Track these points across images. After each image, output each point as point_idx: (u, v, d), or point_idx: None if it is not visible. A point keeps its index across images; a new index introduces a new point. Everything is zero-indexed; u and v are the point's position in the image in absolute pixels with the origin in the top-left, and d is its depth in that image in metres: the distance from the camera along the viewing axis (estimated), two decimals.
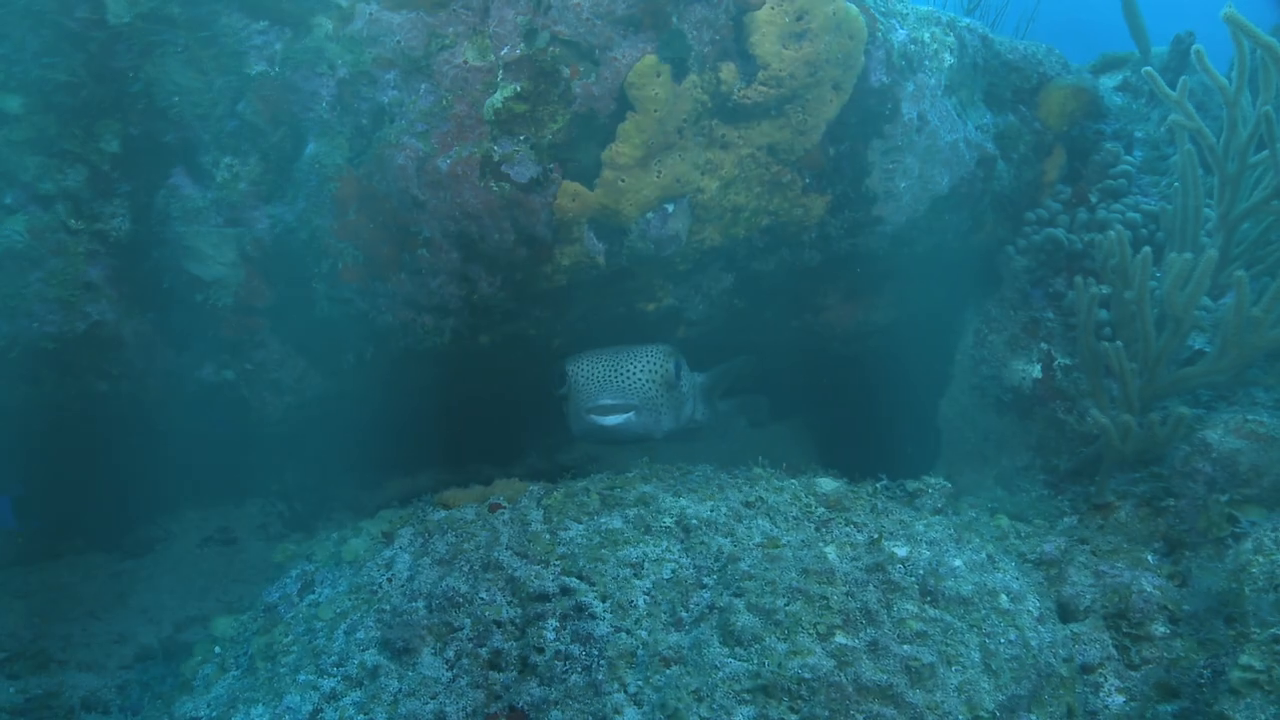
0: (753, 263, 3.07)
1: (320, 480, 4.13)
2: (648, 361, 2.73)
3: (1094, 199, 3.61)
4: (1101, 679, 2.20)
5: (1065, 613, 2.45)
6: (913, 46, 2.84)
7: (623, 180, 2.43)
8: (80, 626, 3.14)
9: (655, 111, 2.36)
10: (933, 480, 2.71)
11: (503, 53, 2.37)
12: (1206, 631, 2.18)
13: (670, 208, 2.56)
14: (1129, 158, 3.62)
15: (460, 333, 2.83)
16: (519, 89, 2.35)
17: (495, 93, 2.36)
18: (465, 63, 2.40)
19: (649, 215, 2.53)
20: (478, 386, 3.73)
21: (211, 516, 3.93)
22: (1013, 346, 3.51)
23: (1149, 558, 2.61)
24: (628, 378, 2.68)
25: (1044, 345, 3.50)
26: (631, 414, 2.65)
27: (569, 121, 2.38)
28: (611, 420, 2.64)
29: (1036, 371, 3.46)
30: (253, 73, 2.45)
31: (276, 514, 4.09)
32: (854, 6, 2.49)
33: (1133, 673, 2.23)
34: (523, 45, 2.36)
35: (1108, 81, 4.29)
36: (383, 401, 3.61)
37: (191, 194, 2.55)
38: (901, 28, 2.84)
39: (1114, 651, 2.27)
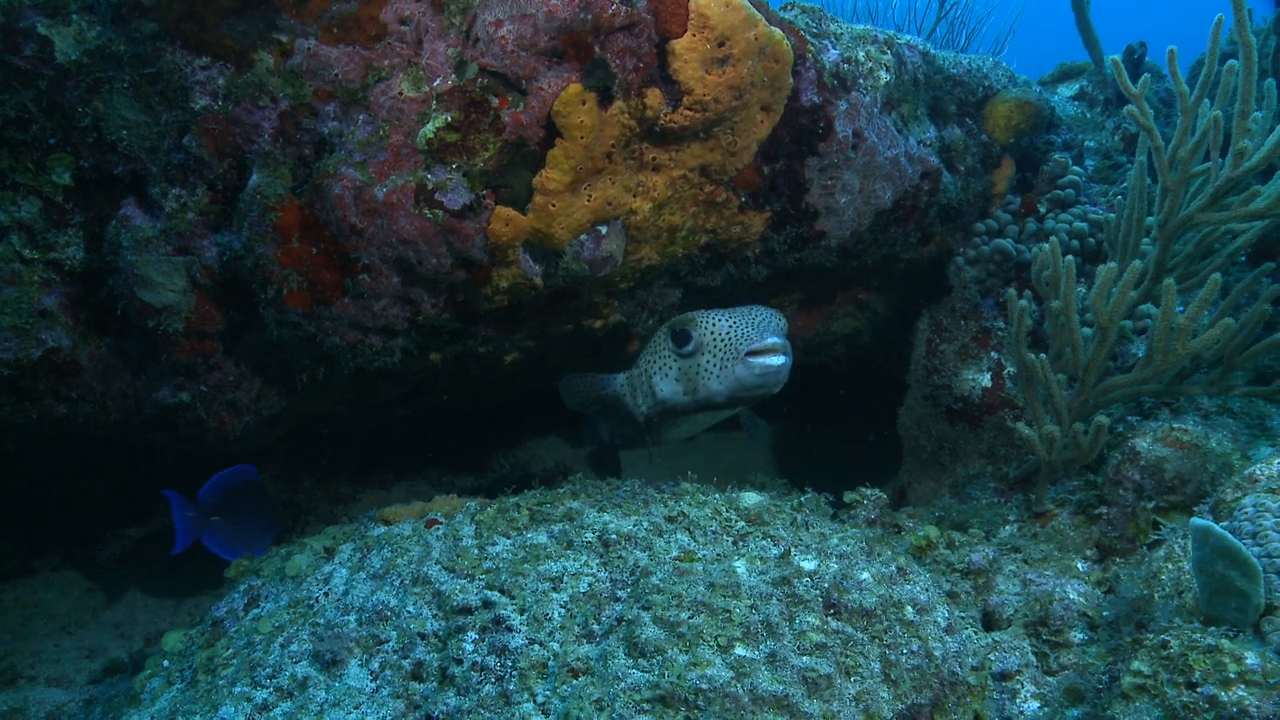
0: (697, 279, 3.15)
1: (293, 495, 4.23)
2: (770, 314, 2.65)
3: (1043, 209, 3.67)
4: (1019, 685, 2.26)
5: (990, 621, 2.50)
6: (846, 66, 2.91)
7: (553, 205, 2.50)
8: (52, 642, 3.24)
9: (582, 138, 2.43)
10: (869, 491, 2.77)
11: (435, 84, 2.45)
12: (1119, 638, 2.23)
13: (603, 229, 2.63)
14: (1077, 168, 3.67)
15: (410, 352, 2.91)
16: (450, 119, 2.43)
17: (428, 123, 2.44)
18: (401, 94, 2.48)
19: (582, 238, 2.61)
20: (439, 400, 3.82)
21: None
22: (963, 356, 3.57)
23: (1079, 565, 2.66)
24: (770, 324, 2.61)
25: (994, 354, 3.56)
26: (788, 357, 2.56)
27: (500, 149, 2.46)
28: (778, 360, 2.55)
29: (986, 380, 3.52)
30: (197, 107, 2.53)
31: None
32: (778, 31, 2.56)
33: (1050, 679, 2.28)
34: (454, 77, 2.44)
35: (1065, 91, 4.34)
36: (346, 418, 3.71)
37: (141, 224, 2.64)
38: (834, 48, 2.91)
39: (1033, 659, 2.32)
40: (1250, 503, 2.06)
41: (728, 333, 2.60)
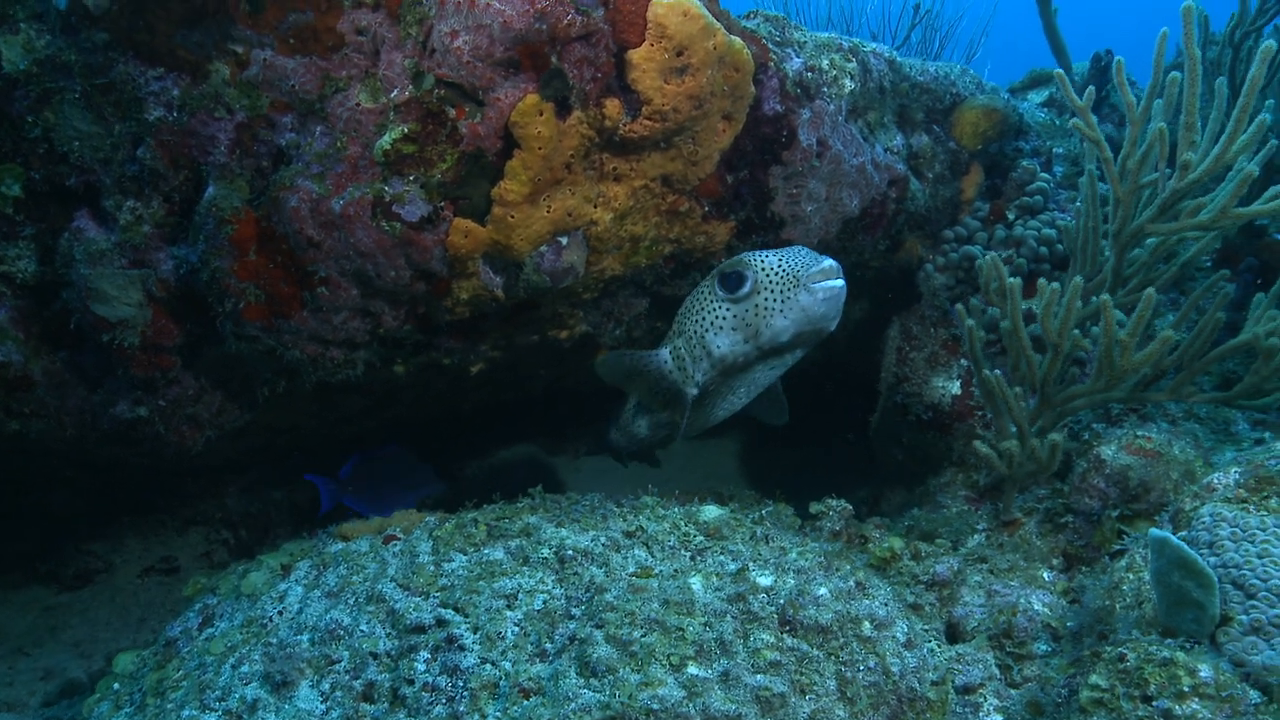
0: (663, 288, 3.13)
1: (263, 507, 4.18)
2: (807, 249, 2.57)
3: (1011, 215, 3.66)
4: (982, 699, 2.24)
5: (955, 633, 2.49)
6: (809, 74, 2.90)
7: (512, 216, 2.48)
8: (6, 664, 3.17)
9: (540, 149, 2.41)
10: (834, 503, 2.75)
11: (392, 95, 2.42)
12: (1080, 649, 2.22)
13: (564, 240, 2.61)
14: (1045, 175, 3.68)
15: (373, 364, 2.88)
16: (407, 130, 2.40)
17: (385, 134, 2.42)
18: (358, 105, 2.45)
19: (542, 249, 2.58)
20: (407, 411, 3.79)
21: (154, 546, 3.97)
22: (933, 364, 3.56)
23: (1045, 575, 2.65)
24: (814, 254, 2.51)
25: (964, 362, 3.55)
26: (844, 281, 2.46)
27: (457, 161, 2.43)
28: (840, 282, 2.45)
29: (956, 388, 3.51)
30: (151, 118, 2.49)
31: (221, 541, 4.14)
32: (738, 40, 2.54)
33: (1013, 691, 2.27)
34: (411, 88, 2.41)
35: (1035, 97, 4.35)
36: (313, 430, 3.67)
37: (95, 236, 2.60)
38: (797, 56, 2.89)
39: (996, 671, 2.30)
40: (1208, 512, 2.05)
41: (780, 265, 2.48)
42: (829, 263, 2.47)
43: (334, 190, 2.44)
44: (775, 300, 2.47)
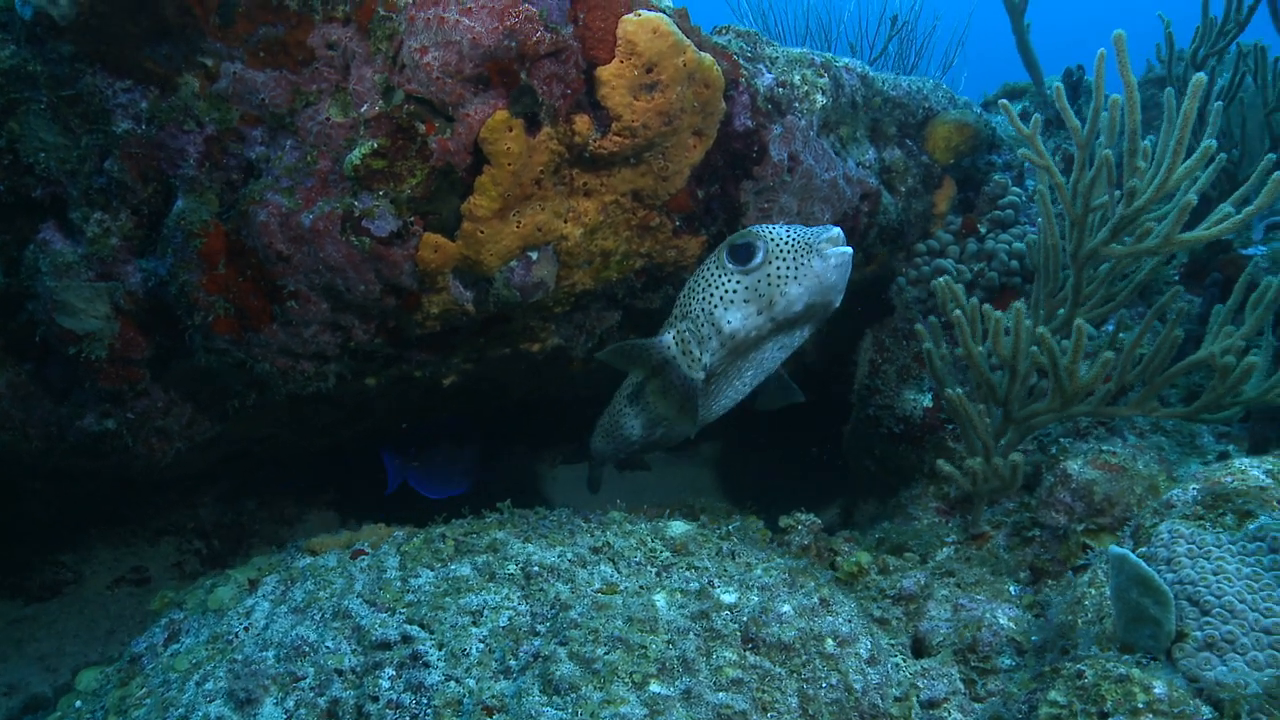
0: (635, 301, 3.14)
1: (237, 517, 4.15)
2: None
3: (983, 229, 3.70)
4: (945, 713, 2.25)
5: (920, 648, 2.50)
6: (780, 90, 2.92)
7: (482, 231, 2.48)
8: None
9: (510, 164, 2.42)
10: (803, 517, 2.77)
11: (363, 109, 2.42)
12: (1043, 663, 2.24)
13: (534, 255, 2.61)
14: (1017, 189, 3.71)
15: (344, 377, 2.87)
16: (377, 145, 2.40)
17: (355, 149, 2.41)
18: (328, 119, 2.45)
19: (512, 264, 2.59)
20: (382, 422, 3.78)
21: (124, 556, 3.93)
22: (904, 376, 3.59)
23: (1011, 589, 2.67)
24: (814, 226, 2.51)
25: None
26: (851, 248, 2.48)
27: (427, 176, 2.43)
28: (849, 250, 2.45)
29: (927, 400, 3.54)
30: (119, 130, 2.48)
31: (193, 551, 4.11)
32: (708, 56, 2.56)
33: (977, 706, 2.29)
34: (381, 103, 2.41)
35: None
36: (287, 441, 3.65)
37: (62, 249, 2.58)
38: (768, 72, 2.92)
39: (961, 686, 2.32)
40: (1166, 529, 2.08)
41: (789, 234, 2.46)
42: (836, 230, 2.47)
43: (304, 204, 2.44)
44: (789, 267, 2.44)
